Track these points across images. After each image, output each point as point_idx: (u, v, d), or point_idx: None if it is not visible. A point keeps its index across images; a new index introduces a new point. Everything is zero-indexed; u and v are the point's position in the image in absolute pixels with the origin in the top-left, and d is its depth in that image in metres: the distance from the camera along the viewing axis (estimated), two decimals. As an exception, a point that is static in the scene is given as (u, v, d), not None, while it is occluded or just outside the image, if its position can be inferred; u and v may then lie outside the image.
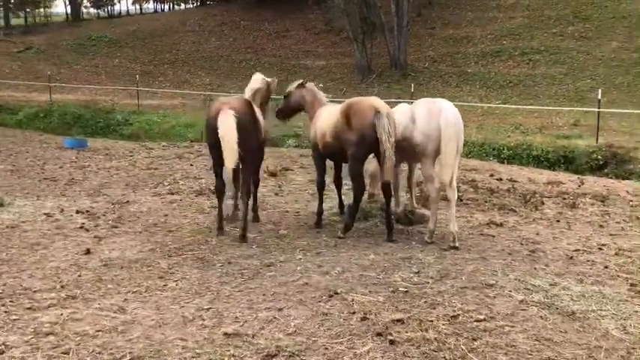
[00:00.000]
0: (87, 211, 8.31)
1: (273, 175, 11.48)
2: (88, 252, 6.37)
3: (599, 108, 17.88)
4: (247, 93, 8.04)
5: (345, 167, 7.66)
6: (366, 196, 8.02)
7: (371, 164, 7.99)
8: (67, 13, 64.45)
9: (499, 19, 38.86)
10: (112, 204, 8.86)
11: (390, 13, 35.67)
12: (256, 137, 7.23)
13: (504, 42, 36.08)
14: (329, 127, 7.18)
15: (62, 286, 5.36)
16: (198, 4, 64.37)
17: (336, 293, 5.26)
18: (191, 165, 12.58)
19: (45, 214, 8.12)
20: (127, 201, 9.05)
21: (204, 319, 4.70)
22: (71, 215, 8.13)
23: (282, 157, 14.05)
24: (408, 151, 7.06)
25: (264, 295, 5.25)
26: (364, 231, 7.59)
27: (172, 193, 9.73)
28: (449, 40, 38.01)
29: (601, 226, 8.11)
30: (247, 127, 6.81)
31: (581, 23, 35.50)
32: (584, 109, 23.31)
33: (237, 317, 4.75)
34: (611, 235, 7.65)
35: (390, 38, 35.56)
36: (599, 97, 17.83)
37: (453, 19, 40.49)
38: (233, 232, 7.26)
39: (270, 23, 46.29)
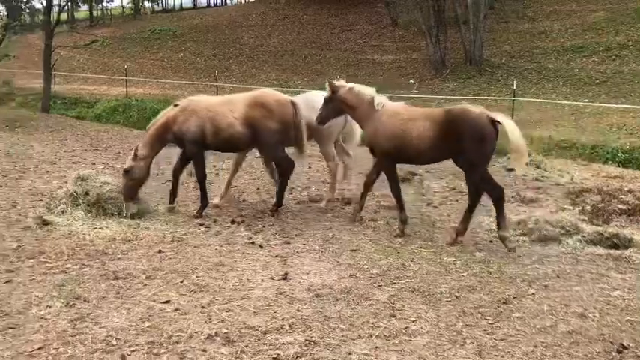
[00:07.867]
0: (242, 222, 7.53)
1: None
2: (285, 277, 5.52)
3: None
4: None
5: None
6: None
7: None
8: (122, 6, 64.43)
9: (578, 12, 37.03)
10: (262, 212, 8.05)
11: (463, 6, 34.38)
12: None
13: (586, 37, 34.23)
14: (237, 118, 7.47)
15: (290, 325, 4.51)
16: (258, -2, 63.58)
17: (624, 347, 4.28)
18: (309, 168, 11.72)
19: (199, 224, 7.37)
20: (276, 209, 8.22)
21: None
22: (228, 226, 7.36)
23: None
24: None
25: (534, 346, 4.31)
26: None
27: (315, 201, 8.86)
28: (525, 34, 36.36)
29: None
30: None
31: (670, 17, 33.44)
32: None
33: (533, 380, 3.82)
34: None
35: (464, 32, 34.21)
36: None
37: (527, 12, 38.83)
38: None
39: (334, 17, 45.36)
